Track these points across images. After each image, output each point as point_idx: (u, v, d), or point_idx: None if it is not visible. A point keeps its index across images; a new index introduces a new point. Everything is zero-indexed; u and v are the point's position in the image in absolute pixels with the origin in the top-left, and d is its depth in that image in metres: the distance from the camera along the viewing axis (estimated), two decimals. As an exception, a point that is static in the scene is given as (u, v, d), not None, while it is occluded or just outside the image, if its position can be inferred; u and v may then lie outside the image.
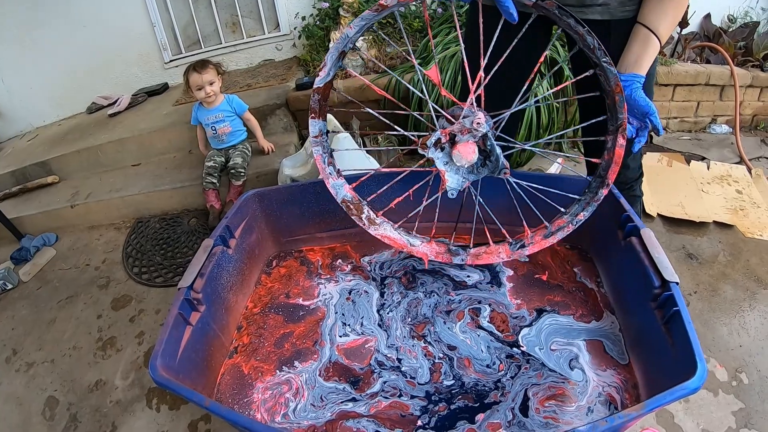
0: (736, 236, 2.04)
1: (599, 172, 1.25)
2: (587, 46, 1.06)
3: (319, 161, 1.35)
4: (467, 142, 1.15)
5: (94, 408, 1.72)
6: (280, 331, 1.43)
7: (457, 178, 1.23)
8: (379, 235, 1.39)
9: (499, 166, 1.18)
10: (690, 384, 0.87)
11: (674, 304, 1.04)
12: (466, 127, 1.15)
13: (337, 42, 1.16)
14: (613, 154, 1.18)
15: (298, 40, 3.32)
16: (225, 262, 1.39)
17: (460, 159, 1.17)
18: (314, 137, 1.32)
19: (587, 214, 1.28)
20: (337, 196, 1.38)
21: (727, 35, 3.10)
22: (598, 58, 1.06)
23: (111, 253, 2.51)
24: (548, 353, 1.29)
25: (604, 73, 1.08)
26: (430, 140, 1.18)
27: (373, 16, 1.10)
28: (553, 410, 1.16)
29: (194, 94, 2.50)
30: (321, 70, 1.19)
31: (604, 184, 1.23)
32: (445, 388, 1.25)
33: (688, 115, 2.97)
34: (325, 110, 1.30)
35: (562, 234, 1.31)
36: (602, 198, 1.25)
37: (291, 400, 1.25)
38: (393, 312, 1.46)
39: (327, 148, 1.35)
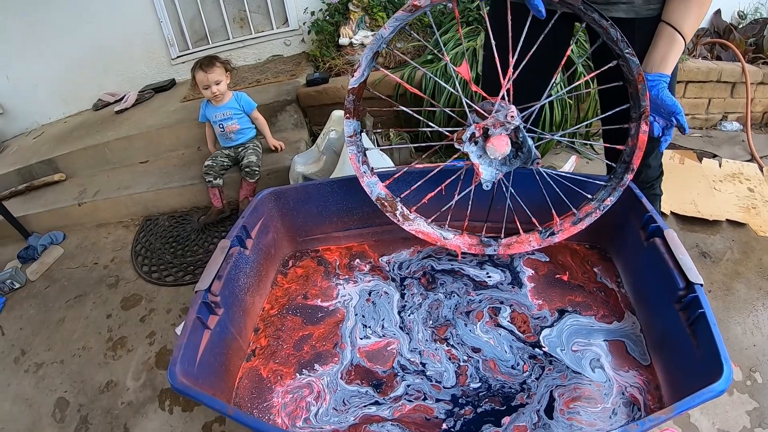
0: (748, 234, 2.03)
1: (624, 157, 1.29)
2: (611, 39, 1.09)
3: (353, 160, 1.38)
4: (500, 135, 1.19)
5: (105, 409, 1.70)
6: (299, 333, 1.40)
7: (491, 170, 1.28)
8: (413, 230, 1.44)
9: (531, 157, 1.22)
10: (717, 386, 0.87)
11: (699, 306, 1.04)
12: (499, 121, 1.18)
13: (371, 43, 1.19)
14: (636, 140, 1.23)
15: (307, 36, 3.28)
16: (242, 263, 1.36)
17: (494, 152, 1.20)
18: (349, 137, 1.35)
19: (614, 199, 1.33)
20: (371, 194, 1.42)
21: (738, 31, 3.07)
22: (621, 50, 1.10)
23: (120, 252, 2.49)
24: (570, 354, 1.28)
25: (627, 64, 1.12)
26: (465, 134, 1.21)
27: (407, 16, 1.12)
28: (578, 411, 1.14)
29: (203, 92, 2.47)
30: (356, 71, 1.23)
31: (629, 170, 1.28)
32: (473, 391, 1.22)
33: (699, 112, 2.95)
34: (359, 110, 1.33)
35: (590, 219, 1.37)
36: (627, 183, 1.30)
37: (312, 404, 1.22)
38: (414, 314, 1.43)
39: (361, 148, 1.38)
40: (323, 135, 2.30)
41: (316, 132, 2.85)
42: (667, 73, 1.15)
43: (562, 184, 1.37)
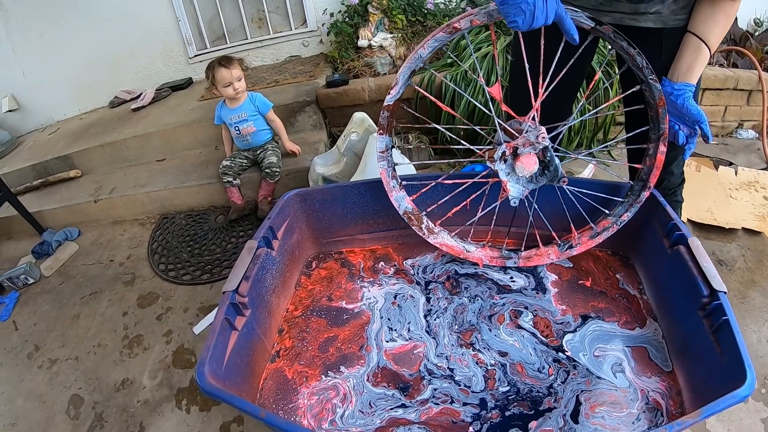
0: (764, 243, 2.02)
1: (641, 176, 1.36)
2: (636, 65, 1.15)
3: (384, 175, 1.44)
4: (529, 154, 1.24)
5: (120, 408, 1.69)
6: (324, 335, 1.39)
7: (518, 187, 1.32)
8: (438, 243, 1.50)
9: (558, 176, 1.27)
10: (741, 392, 0.88)
11: (723, 314, 1.05)
12: (529, 141, 1.23)
13: (409, 61, 1.23)
14: (654, 159, 1.30)
15: (326, 37, 3.27)
16: (269, 264, 1.35)
17: (522, 170, 1.25)
18: (380, 152, 1.40)
19: (630, 214, 1.40)
20: (399, 208, 1.47)
21: (754, 39, 3.06)
22: (645, 76, 1.16)
23: (136, 249, 2.48)
24: (592, 359, 1.29)
25: (649, 89, 1.18)
26: (497, 153, 1.26)
27: (446, 37, 1.17)
28: (602, 416, 1.15)
29: (220, 91, 2.43)
30: (392, 88, 1.27)
31: (646, 187, 1.35)
32: (501, 394, 1.22)
33: (715, 119, 2.93)
34: (393, 126, 1.38)
35: (607, 234, 1.44)
36: (644, 200, 1.36)
37: (338, 406, 1.21)
38: (440, 318, 1.42)
39: (391, 163, 1.44)
40: (344, 136, 2.29)
41: (335, 133, 2.85)
42: (692, 83, 1.17)
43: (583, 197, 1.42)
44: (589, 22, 1.11)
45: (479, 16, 1.11)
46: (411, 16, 2.99)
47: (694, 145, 1.24)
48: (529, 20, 0.98)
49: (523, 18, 0.98)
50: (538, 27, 1.01)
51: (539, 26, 1.01)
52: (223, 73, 2.36)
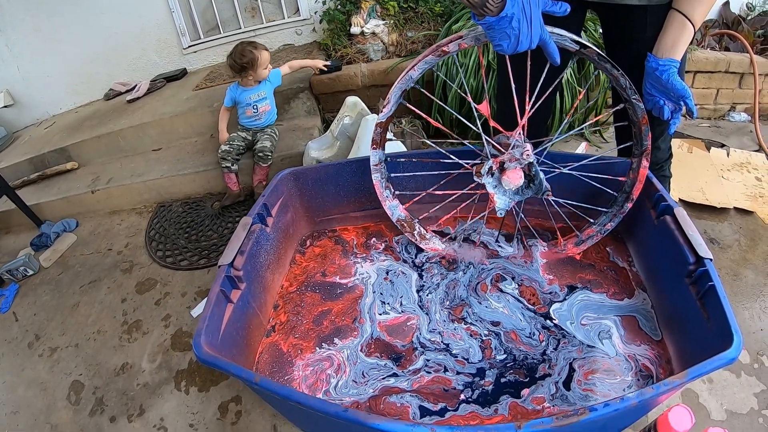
0: (756, 222, 2.03)
1: (625, 188, 1.42)
2: (620, 86, 1.21)
3: (378, 186, 1.50)
4: (515, 169, 1.30)
5: (120, 391, 1.71)
6: (318, 308, 1.41)
7: (505, 199, 1.36)
8: (429, 248, 1.58)
9: (542, 189, 1.31)
10: (728, 354, 0.89)
11: (709, 279, 1.06)
12: (515, 157, 1.28)
13: (400, 81, 1.29)
14: (637, 173, 1.36)
15: (318, 25, 3.28)
16: (263, 240, 1.37)
17: (509, 183, 1.31)
18: (374, 165, 1.46)
19: (614, 224, 1.46)
20: (392, 216, 1.54)
21: (746, 23, 3.07)
22: (628, 96, 1.22)
23: (133, 238, 2.50)
24: (579, 327, 1.31)
25: (632, 108, 1.25)
26: (484, 168, 1.31)
27: (435, 60, 1.22)
28: (594, 383, 1.17)
29: (258, 73, 2.49)
30: (384, 107, 1.34)
31: (630, 199, 1.41)
32: (499, 362, 1.24)
33: (707, 102, 2.94)
34: (385, 141, 1.43)
35: (591, 242, 1.50)
36: (627, 210, 1.43)
37: (332, 377, 1.23)
38: (432, 294, 1.45)
39: (385, 174, 1.50)
40: (337, 120, 2.30)
41: (329, 119, 2.86)
42: (677, 59, 1.17)
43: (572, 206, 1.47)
44: (573, 45, 1.15)
45: (467, 40, 1.16)
46: (403, 2, 3.00)
47: (679, 120, 1.26)
48: (513, 44, 1.02)
49: (508, 42, 1.02)
50: (522, 51, 1.05)
51: (524, 50, 1.05)
52: (265, 55, 2.47)
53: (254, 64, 2.43)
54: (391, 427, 0.79)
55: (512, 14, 0.97)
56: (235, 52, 2.44)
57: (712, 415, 1.33)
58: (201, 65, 3.58)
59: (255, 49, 2.43)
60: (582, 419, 0.79)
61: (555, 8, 1.05)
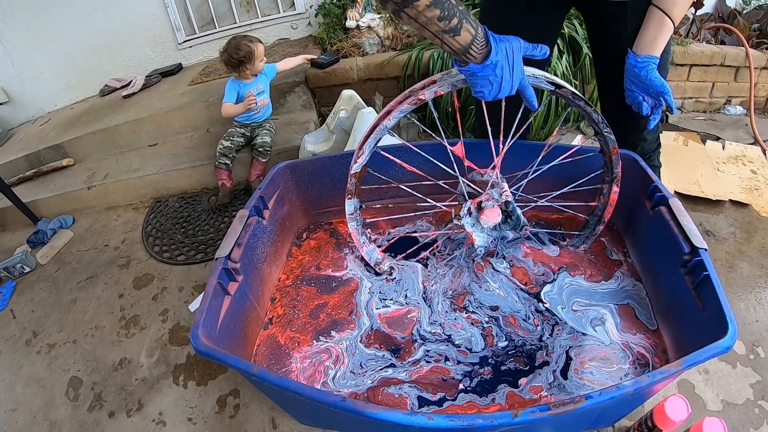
0: (751, 215, 2.04)
1: (596, 212, 1.47)
2: (592, 120, 1.26)
3: (354, 234, 1.48)
4: (493, 207, 1.31)
5: (119, 386, 1.70)
6: (314, 302, 1.41)
7: (483, 236, 1.38)
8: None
9: (520, 224, 1.35)
10: (724, 342, 0.89)
11: (704, 269, 1.07)
12: (492, 197, 1.31)
13: (376, 132, 1.26)
14: (608, 198, 1.43)
15: (314, 19, 3.27)
16: (260, 232, 1.37)
17: (487, 222, 1.33)
18: (350, 214, 1.44)
19: (587, 246, 1.52)
20: (370, 260, 1.53)
21: (742, 17, 3.07)
22: (600, 129, 1.28)
23: (130, 233, 2.49)
24: (569, 312, 1.33)
25: (603, 139, 1.31)
26: (463, 211, 1.33)
27: (410, 108, 1.20)
28: (591, 372, 1.18)
29: (256, 66, 2.46)
30: (358, 158, 1.31)
31: (601, 221, 1.47)
32: (501, 350, 1.25)
33: (703, 95, 2.94)
34: (360, 190, 1.41)
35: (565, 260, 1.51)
36: (599, 233, 1.50)
37: (331, 368, 1.23)
38: (437, 285, 1.46)
39: (360, 222, 1.49)
40: (333, 114, 2.30)
41: (325, 113, 2.85)
42: (656, 55, 1.18)
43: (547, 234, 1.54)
44: (549, 87, 1.17)
45: (443, 87, 1.14)
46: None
47: (659, 116, 1.26)
48: (495, 91, 1.02)
49: (490, 89, 1.02)
50: (502, 97, 1.05)
51: (504, 96, 1.05)
52: (261, 47, 2.45)
53: (251, 58, 2.41)
54: (388, 416, 0.79)
55: (496, 62, 0.97)
56: (231, 47, 2.41)
57: (708, 405, 1.33)
58: (196, 60, 3.56)
59: (251, 42, 2.41)
60: (578, 407, 0.79)
61: (535, 52, 1.06)
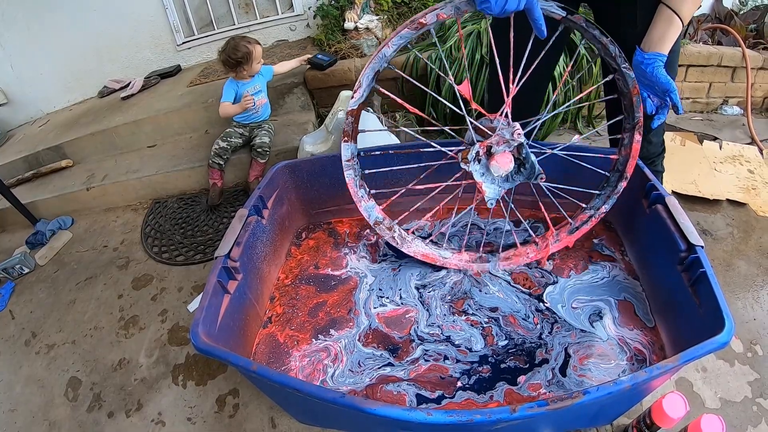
0: (748, 214, 2.05)
1: (617, 166, 1.34)
2: (608, 54, 1.15)
3: (351, 185, 1.35)
4: (504, 153, 1.19)
5: (118, 387, 1.71)
6: (313, 300, 1.42)
7: (494, 187, 1.26)
8: (412, 252, 1.45)
9: (535, 172, 1.21)
10: (720, 338, 0.90)
11: (701, 266, 1.08)
12: (503, 138, 1.18)
13: (373, 61, 1.14)
14: (630, 149, 1.29)
15: (313, 20, 3.28)
16: (259, 231, 1.38)
17: (498, 169, 1.20)
18: (346, 161, 1.31)
19: (608, 207, 1.38)
20: (369, 219, 1.41)
21: (739, 17, 3.08)
22: (618, 65, 1.16)
23: (129, 234, 2.49)
24: (569, 311, 1.33)
25: (623, 78, 1.18)
26: (471, 154, 1.20)
27: (412, 33, 1.12)
28: (589, 368, 1.19)
29: (253, 68, 2.47)
30: (355, 92, 1.19)
31: (623, 177, 1.34)
32: (502, 348, 1.26)
33: (700, 96, 2.96)
34: (357, 132, 1.28)
35: (586, 227, 1.42)
36: (621, 190, 1.35)
37: (329, 366, 1.24)
38: (434, 291, 1.46)
39: (358, 171, 1.36)
40: (332, 115, 2.30)
41: (323, 114, 2.86)
42: (663, 53, 1.18)
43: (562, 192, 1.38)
44: (560, 12, 1.11)
45: (445, 10, 1.08)
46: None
47: (665, 116, 1.25)
48: (502, 2, 0.99)
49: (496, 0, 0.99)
50: (510, 12, 1.01)
51: (511, 11, 1.01)
52: (259, 48, 2.45)
53: (249, 59, 2.42)
54: (387, 412, 0.79)
55: None
56: (229, 48, 2.41)
57: (706, 403, 1.34)
58: (195, 62, 3.56)
59: (249, 43, 2.41)
60: (576, 402, 0.80)
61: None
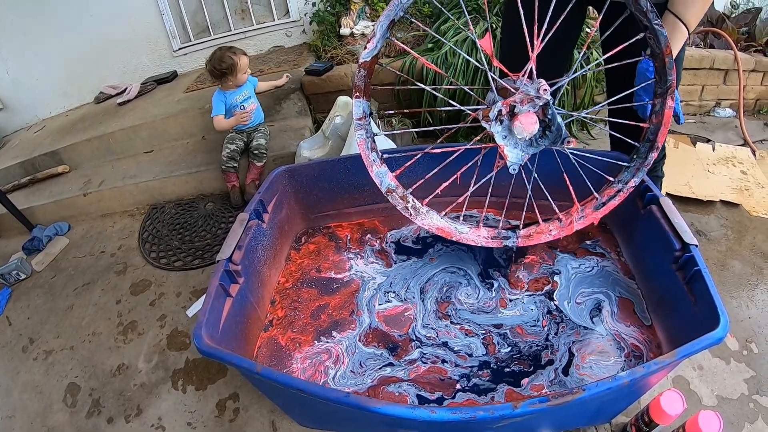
0: (741, 215, 2.09)
1: (648, 135, 1.22)
2: (639, 9, 1.03)
3: (362, 147, 1.23)
4: (528, 113, 1.07)
5: (117, 392, 1.71)
6: (315, 303, 1.43)
7: (517, 152, 1.14)
8: (426, 224, 1.32)
9: (561, 135, 1.10)
10: (716, 333, 0.92)
11: (695, 264, 1.10)
12: (528, 96, 1.06)
13: (388, 9, 1.05)
14: (662, 116, 1.17)
15: (309, 26, 3.30)
16: (260, 235, 1.39)
17: (521, 131, 1.08)
18: (358, 119, 1.19)
19: (637, 180, 1.26)
20: (381, 186, 1.28)
21: (731, 21, 3.13)
22: (649, 21, 1.04)
23: (126, 240, 2.49)
24: (574, 306, 1.35)
25: (654, 36, 1.05)
26: (493, 112, 1.08)
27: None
28: (591, 366, 1.21)
29: (238, 78, 2.47)
30: (369, 42, 1.09)
31: (654, 148, 1.22)
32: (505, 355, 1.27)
33: (693, 98, 3.00)
34: (370, 88, 1.17)
35: (613, 203, 1.28)
36: (652, 162, 1.23)
37: (331, 368, 1.25)
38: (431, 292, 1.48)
39: (370, 133, 1.23)
40: (329, 120, 2.32)
41: (320, 119, 2.88)
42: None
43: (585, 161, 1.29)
44: None
45: None
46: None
47: None
48: None
49: None
50: None
51: None
52: (244, 60, 2.46)
53: (234, 70, 2.42)
54: (392, 410, 0.81)
55: None
56: (214, 59, 2.42)
57: (703, 401, 1.36)
58: (191, 67, 3.57)
59: (234, 54, 2.42)
60: (576, 398, 0.81)
61: None
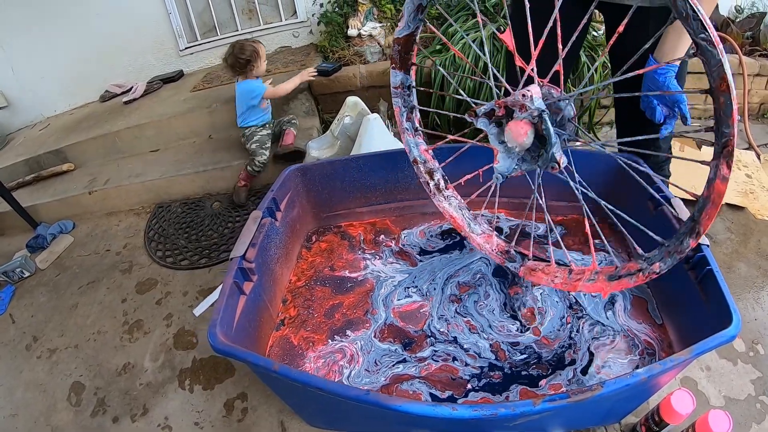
0: (747, 218, 2.09)
1: (694, 214, 0.94)
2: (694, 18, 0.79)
3: (397, 114, 1.27)
4: (521, 121, 0.99)
5: (123, 391, 1.69)
6: (329, 302, 1.42)
7: (509, 162, 1.08)
8: (442, 207, 1.30)
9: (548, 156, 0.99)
10: (729, 331, 0.93)
11: (707, 264, 1.11)
12: (518, 101, 0.98)
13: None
14: (713, 189, 0.85)
15: (316, 27, 3.30)
16: (273, 233, 1.38)
17: (510, 138, 1.01)
18: (395, 88, 1.24)
19: (664, 266, 1.00)
20: (410, 153, 1.29)
21: (735, 25, 3.13)
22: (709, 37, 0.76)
23: (132, 238, 2.48)
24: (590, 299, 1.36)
25: (705, 60, 0.78)
26: (481, 109, 1.05)
27: None
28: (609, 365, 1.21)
29: (261, 67, 2.52)
30: (399, 22, 1.16)
31: (694, 233, 0.93)
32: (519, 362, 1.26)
33: (698, 102, 3.00)
34: (408, 63, 1.21)
35: (629, 282, 1.06)
36: (687, 251, 0.95)
37: (345, 367, 1.24)
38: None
39: (408, 103, 1.26)
40: (338, 120, 2.32)
41: (328, 119, 2.88)
42: (676, 63, 1.19)
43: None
44: None
45: None
46: (400, 5, 3.02)
47: (672, 127, 1.26)
48: None
49: None
50: None
51: None
52: (263, 48, 2.52)
53: (257, 57, 2.46)
54: (413, 408, 0.80)
55: None
56: (236, 49, 2.44)
57: (711, 401, 1.36)
58: (198, 67, 3.57)
59: (254, 42, 2.47)
60: (596, 394, 0.81)
61: None
